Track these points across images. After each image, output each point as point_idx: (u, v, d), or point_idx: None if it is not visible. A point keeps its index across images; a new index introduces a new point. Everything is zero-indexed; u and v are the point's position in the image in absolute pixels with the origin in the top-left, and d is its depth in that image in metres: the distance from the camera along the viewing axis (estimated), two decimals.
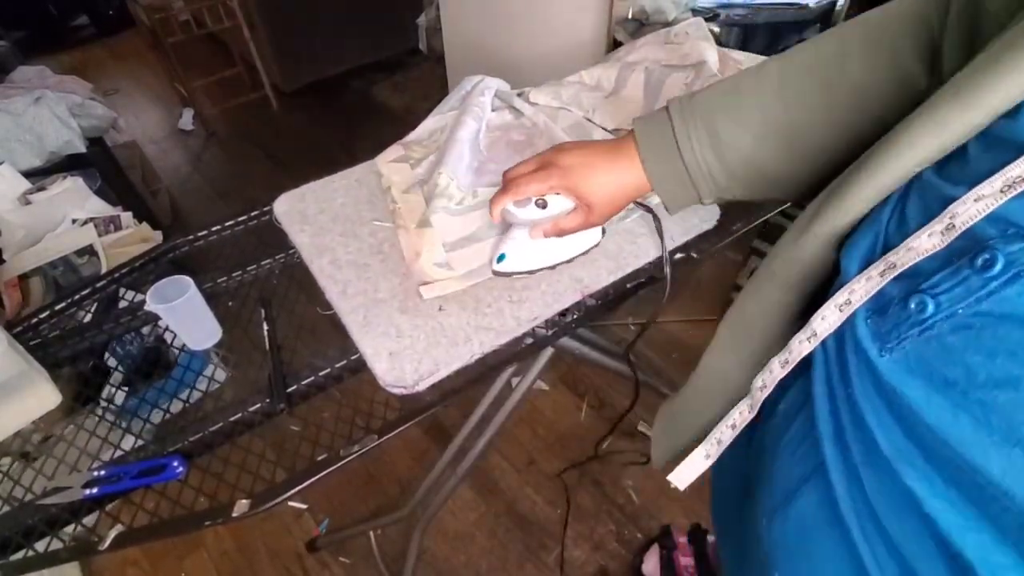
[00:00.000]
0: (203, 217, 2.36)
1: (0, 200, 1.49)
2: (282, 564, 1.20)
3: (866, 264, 0.28)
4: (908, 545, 0.24)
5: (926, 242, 0.24)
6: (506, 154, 0.77)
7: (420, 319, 0.60)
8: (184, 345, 0.67)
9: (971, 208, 0.23)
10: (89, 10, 3.82)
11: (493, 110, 0.85)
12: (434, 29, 2.64)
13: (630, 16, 1.56)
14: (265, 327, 0.67)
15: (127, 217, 1.55)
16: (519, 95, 0.88)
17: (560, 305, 0.61)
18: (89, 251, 1.43)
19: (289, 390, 0.60)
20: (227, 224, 0.86)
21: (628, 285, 0.64)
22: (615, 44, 1.52)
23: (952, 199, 0.24)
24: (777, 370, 0.34)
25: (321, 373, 0.62)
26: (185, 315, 0.63)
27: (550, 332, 0.61)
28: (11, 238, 1.47)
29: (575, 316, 0.62)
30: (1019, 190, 0.21)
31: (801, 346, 0.32)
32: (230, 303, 0.73)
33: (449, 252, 0.64)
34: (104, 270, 1.39)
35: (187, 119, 2.85)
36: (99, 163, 1.79)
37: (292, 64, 2.87)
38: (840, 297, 0.29)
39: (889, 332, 0.26)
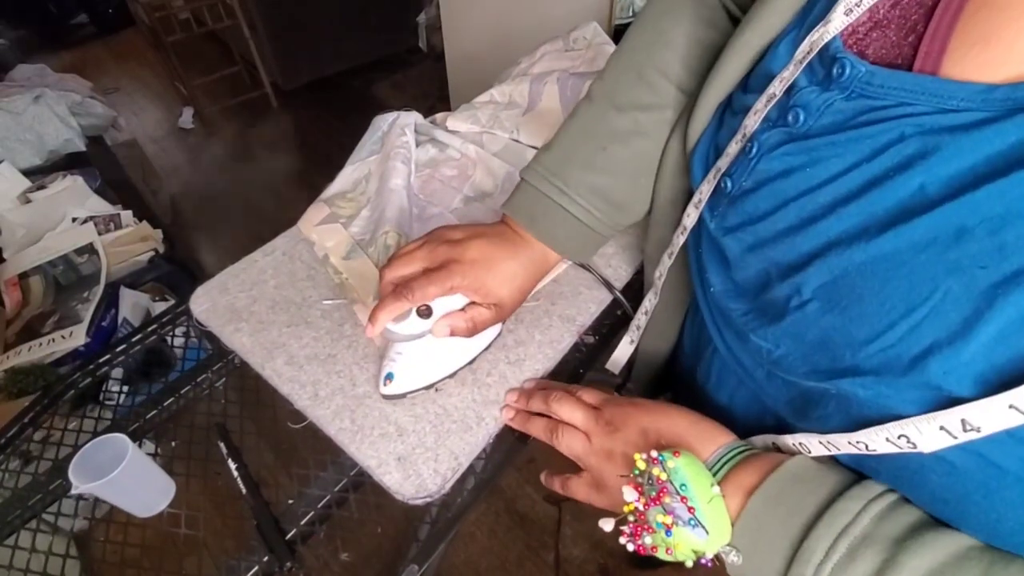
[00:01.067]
0: (203, 216, 2.36)
1: (0, 199, 1.49)
2: None
3: (706, 170, 0.40)
4: (727, 333, 0.40)
5: (733, 148, 0.36)
6: (443, 192, 0.73)
7: (418, 407, 0.51)
8: (184, 346, 0.67)
9: (751, 119, 0.35)
10: (89, 9, 3.81)
11: (416, 146, 0.79)
12: (434, 27, 2.63)
13: (632, 12, 1.56)
14: (232, 465, 0.54)
15: (127, 216, 1.55)
16: (435, 124, 0.84)
17: (560, 351, 0.56)
18: (89, 249, 1.43)
19: (288, 536, 0.49)
20: (135, 339, 0.67)
21: (618, 311, 0.61)
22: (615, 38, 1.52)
23: (749, 107, 0.35)
24: (666, 260, 0.46)
25: (320, 505, 0.51)
26: (126, 484, 0.50)
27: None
28: (11, 237, 1.47)
29: (579, 360, 0.57)
30: (773, 103, 0.33)
31: (677, 238, 0.44)
32: (173, 443, 0.59)
33: None
34: (104, 268, 1.40)
35: (187, 117, 2.85)
36: (99, 162, 1.79)
37: (292, 63, 2.87)
38: (695, 198, 0.41)
39: (715, 207, 0.39)
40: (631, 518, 0.34)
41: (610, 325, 0.61)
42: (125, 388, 0.98)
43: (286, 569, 0.47)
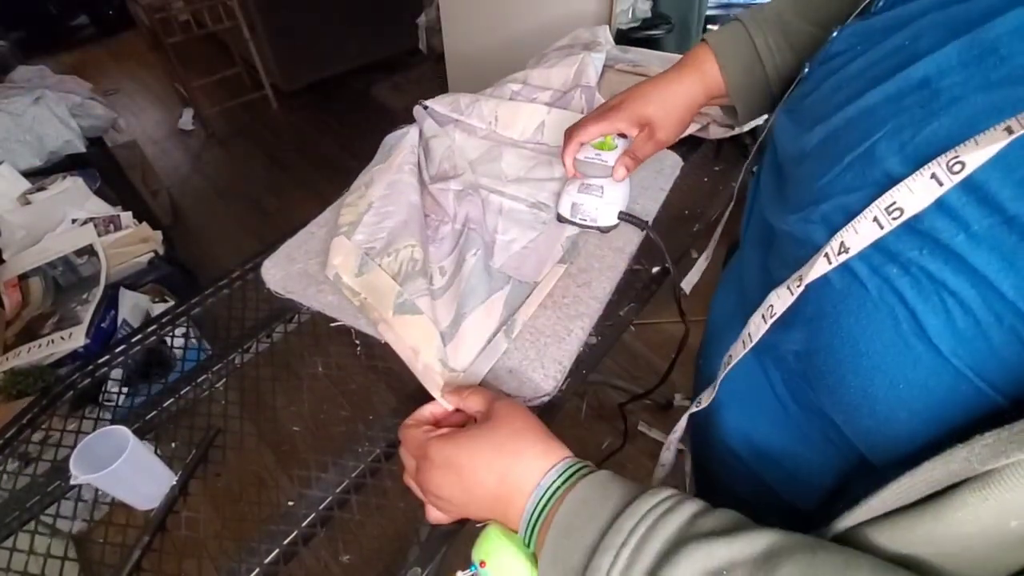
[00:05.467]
0: (203, 217, 2.36)
1: (0, 200, 1.49)
2: None
3: None
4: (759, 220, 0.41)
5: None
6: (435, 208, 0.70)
7: (513, 332, 0.56)
8: (184, 347, 0.67)
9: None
10: (89, 10, 3.82)
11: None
12: (434, 29, 2.63)
13: (631, 15, 1.56)
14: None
15: (127, 217, 1.55)
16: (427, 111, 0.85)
17: (617, 274, 0.63)
18: (89, 251, 1.43)
19: (289, 539, 0.49)
20: (134, 340, 0.68)
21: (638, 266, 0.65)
22: (617, 42, 1.52)
23: None
24: None
25: (322, 507, 0.51)
26: (127, 476, 0.50)
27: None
28: (11, 238, 1.47)
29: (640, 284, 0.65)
30: None
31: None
32: (173, 444, 0.59)
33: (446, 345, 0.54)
34: (104, 270, 1.39)
35: (187, 119, 2.85)
36: (99, 163, 1.79)
37: (292, 64, 2.87)
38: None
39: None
40: None
41: (612, 326, 0.62)
42: (125, 389, 0.98)
43: None
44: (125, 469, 0.49)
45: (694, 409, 0.42)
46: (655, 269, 0.66)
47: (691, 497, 0.31)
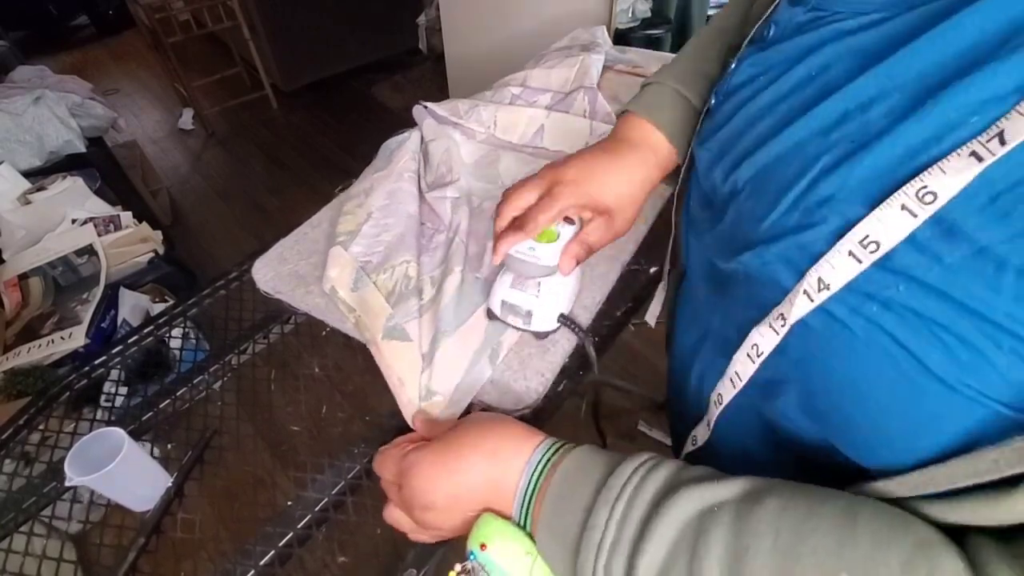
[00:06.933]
0: (203, 217, 2.36)
1: (0, 200, 1.49)
2: None
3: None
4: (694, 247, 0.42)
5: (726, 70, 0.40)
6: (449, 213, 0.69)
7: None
8: (182, 347, 0.67)
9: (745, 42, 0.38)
10: (89, 10, 3.82)
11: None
12: (434, 29, 2.64)
13: (631, 15, 1.55)
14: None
15: (127, 217, 1.55)
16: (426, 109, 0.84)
17: (609, 283, 0.62)
18: (89, 251, 1.43)
19: (286, 540, 0.49)
20: (131, 340, 0.68)
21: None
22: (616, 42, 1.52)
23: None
24: None
25: (318, 508, 0.51)
26: (122, 478, 0.50)
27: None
28: (11, 238, 1.47)
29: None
30: (759, 22, 0.37)
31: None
32: (170, 444, 0.59)
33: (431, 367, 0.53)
34: (104, 270, 1.39)
35: (187, 119, 2.85)
36: (99, 163, 1.79)
37: (292, 64, 2.87)
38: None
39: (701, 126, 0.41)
40: None
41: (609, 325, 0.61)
42: (123, 390, 0.98)
43: None
44: (120, 471, 0.48)
45: (691, 448, 0.42)
46: (652, 269, 0.66)
47: (671, 458, 0.32)
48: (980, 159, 0.21)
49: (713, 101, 0.39)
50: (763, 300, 0.30)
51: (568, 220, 0.49)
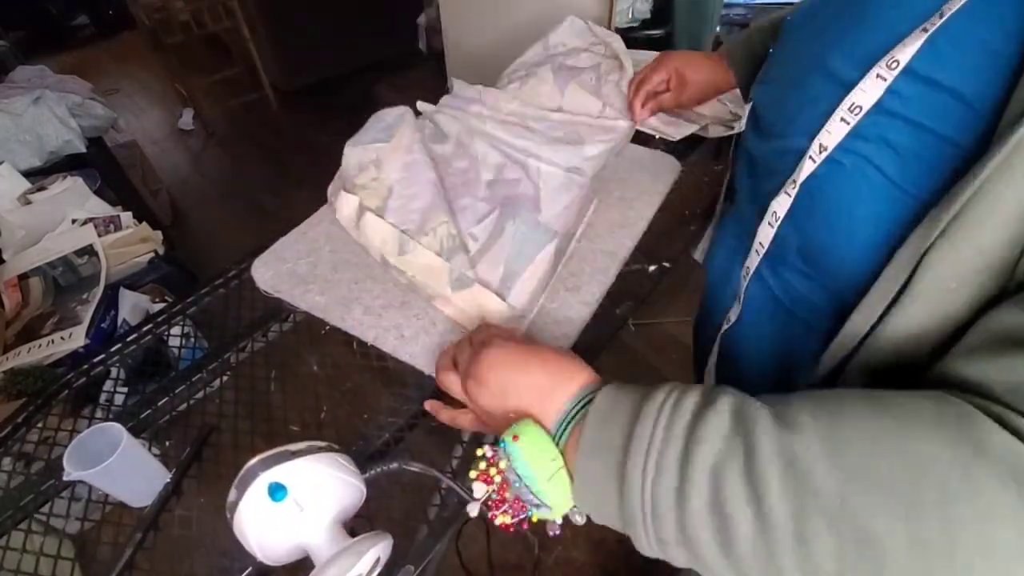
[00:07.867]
0: (203, 217, 2.36)
1: (0, 200, 1.49)
2: None
3: None
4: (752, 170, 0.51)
5: None
6: (465, 184, 0.68)
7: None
8: (180, 346, 0.67)
9: None
10: (89, 10, 3.83)
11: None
12: (434, 29, 2.64)
13: (631, 15, 1.55)
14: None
15: (127, 217, 1.55)
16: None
17: (609, 279, 0.63)
18: (89, 251, 1.43)
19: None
20: (130, 339, 0.68)
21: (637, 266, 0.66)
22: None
23: None
24: None
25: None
26: (120, 473, 0.50)
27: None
28: (11, 238, 1.47)
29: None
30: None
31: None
32: (168, 442, 0.59)
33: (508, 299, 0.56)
34: (104, 270, 1.39)
35: (187, 119, 2.86)
36: (99, 163, 1.79)
37: (292, 64, 2.88)
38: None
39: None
40: (489, 502, 0.37)
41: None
42: (123, 388, 0.98)
43: None
44: (118, 466, 0.48)
45: (726, 327, 0.53)
46: (652, 268, 0.66)
47: None
48: (926, 31, 0.32)
49: (771, 51, 0.50)
50: (782, 166, 0.41)
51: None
